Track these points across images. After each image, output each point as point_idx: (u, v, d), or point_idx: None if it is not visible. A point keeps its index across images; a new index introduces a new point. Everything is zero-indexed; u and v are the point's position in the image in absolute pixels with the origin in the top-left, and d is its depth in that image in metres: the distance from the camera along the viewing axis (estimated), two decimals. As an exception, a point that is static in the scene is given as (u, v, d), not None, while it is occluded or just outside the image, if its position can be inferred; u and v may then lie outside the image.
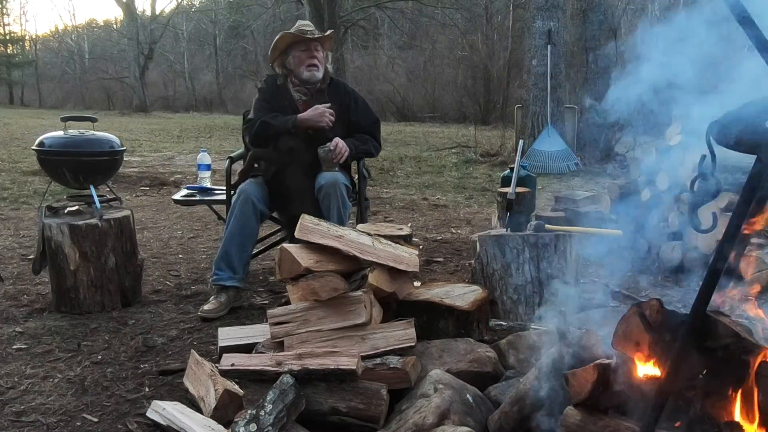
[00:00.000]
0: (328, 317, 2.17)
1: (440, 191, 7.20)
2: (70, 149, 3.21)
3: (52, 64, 34.61)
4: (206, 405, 2.04)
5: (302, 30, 3.25)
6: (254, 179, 3.19)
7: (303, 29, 3.26)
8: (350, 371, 1.93)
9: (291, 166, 3.13)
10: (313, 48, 3.21)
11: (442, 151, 11.26)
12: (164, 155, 10.42)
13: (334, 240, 2.22)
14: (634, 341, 1.58)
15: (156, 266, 3.96)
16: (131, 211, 3.31)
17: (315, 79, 3.24)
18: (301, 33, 3.23)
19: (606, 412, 1.63)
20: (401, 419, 1.89)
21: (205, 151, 4.12)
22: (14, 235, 4.72)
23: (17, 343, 2.73)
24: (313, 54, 3.21)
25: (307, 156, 3.14)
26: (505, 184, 3.88)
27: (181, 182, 7.02)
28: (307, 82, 3.24)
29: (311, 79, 3.23)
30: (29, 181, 7.19)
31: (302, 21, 3.40)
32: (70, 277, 3.05)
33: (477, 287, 2.54)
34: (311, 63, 3.21)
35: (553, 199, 5.07)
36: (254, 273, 3.76)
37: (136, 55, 25.60)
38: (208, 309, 3.04)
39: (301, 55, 3.22)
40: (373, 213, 5.59)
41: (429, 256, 4.18)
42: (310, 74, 3.23)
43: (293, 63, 3.25)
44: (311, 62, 3.21)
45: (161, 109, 26.39)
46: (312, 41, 3.22)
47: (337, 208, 3.04)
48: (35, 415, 2.13)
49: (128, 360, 2.59)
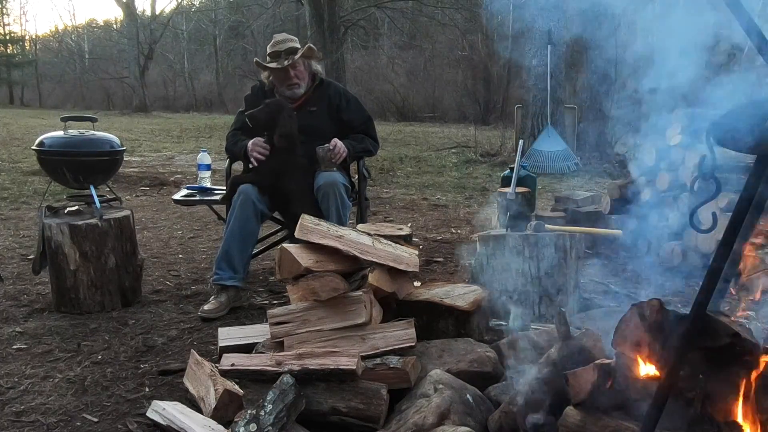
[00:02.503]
0: (328, 317, 2.17)
1: (440, 191, 7.20)
2: (70, 149, 3.20)
3: (52, 64, 34.56)
4: (206, 405, 2.04)
5: (275, 52, 3.24)
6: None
7: (276, 50, 3.24)
8: (350, 371, 1.93)
9: (290, 166, 3.12)
10: (288, 70, 3.22)
11: (442, 151, 11.25)
12: (164, 155, 10.42)
13: (334, 240, 2.22)
14: (634, 341, 1.58)
15: (156, 266, 3.96)
16: (131, 211, 3.31)
17: (297, 95, 3.28)
18: (275, 57, 3.23)
19: (606, 412, 1.63)
20: (401, 419, 1.89)
21: (205, 151, 4.12)
22: (14, 235, 4.72)
23: (17, 343, 2.73)
24: (289, 76, 3.24)
25: (306, 156, 3.14)
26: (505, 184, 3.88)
27: (181, 182, 7.01)
28: (290, 98, 3.27)
29: (293, 96, 3.28)
30: (29, 181, 7.18)
31: (277, 36, 3.35)
32: (70, 277, 3.05)
33: (477, 287, 2.54)
34: (290, 83, 3.26)
35: (553, 199, 5.07)
36: (254, 273, 3.76)
37: (136, 55, 25.57)
38: (208, 309, 3.04)
39: (278, 77, 3.26)
40: (373, 213, 5.59)
41: (429, 256, 4.18)
42: (291, 92, 3.28)
43: (275, 82, 3.30)
44: (289, 82, 3.25)
45: (161, 109, 26.36)
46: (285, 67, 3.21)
47: (336, 208, 3.05)
48: (35, 415, 2.13)
49: (128, 360, 2.59)
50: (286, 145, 3.09)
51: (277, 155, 3.11)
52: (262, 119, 3.09)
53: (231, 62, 31.27)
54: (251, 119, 3.11)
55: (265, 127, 3.12)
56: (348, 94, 3.46)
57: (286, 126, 3.08)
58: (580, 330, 2.00)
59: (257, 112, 3.08)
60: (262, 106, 3.09)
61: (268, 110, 3.08)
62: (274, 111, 3.08)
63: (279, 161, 3.11)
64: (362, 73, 23.09)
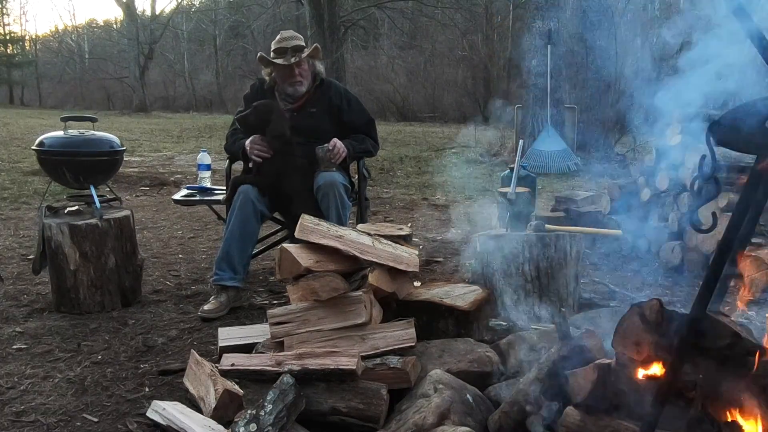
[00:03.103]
0: (328, 317, 2.17)
1: (440, 191, 7.20)
2: (70, 149, 3.20)
3: (52, 64, 34.55)
4: (206, 405, 2.04)
5: (281, 48, 3.22)
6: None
7: (283, 47, 3.22)
8: (350, 371, 1.93)
9: (290, 167, 3.12)
10: (293, 67, 3.21)
11: (442, 151, 11.26)
12: (164, 155, 10.42)
13: (334, 240, 2.22)
14: (634, 341, 1.58)
15: (156, 266, 3.96)
16: (131, 211, 3.31)
17: (298, 93, 3.27)
18: (280, 53, 3.21)
19: (606, 412, 1.63)
20: (401, 419, 1.89)
21: (205, 151, 4.12)
22: (14, 235, 4.71)
23: (17, 343, 2.73)
24: (293, 73, 3.22)
25: (306, 156, 3.14)
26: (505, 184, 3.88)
27: (181, 182, 7.01)
28: (291, 95, 3.27)
29: (295, 93, 3.27)
30: (29, 181, 7.18)
31: (284, 33, 3.33)
32: (70, 277, 3.05)
33: (477, 287, 2.54)
34: (293, 81, 3.24)
35: (553, 199, 5.07)
36: (254, 273, 3.76)
37: (136, 55, 25.57)
38: (208, 309, 3.04)
39: (282, 74, 3.25)
40: (373, 213, 5.59)
41: (429, 256, 4.18)
42: (293, 90, 3.26)
43: (277, 79, 3.29)
44: (293, 80, 3.24)
45: (161, 109, 26.37)
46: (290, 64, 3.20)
47: (335, 208, 3.05)
48: (35, 415, 2.13)
49: (128, 360, 2.59)
50: (278, 146, 3.09)
51: (276, 156, 3.11)
52: (251, 121, 3.08)
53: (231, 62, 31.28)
54: (241, 122, 3.11)
55: (256, 129, 3.11)
56: (349, 94, 3.44)
57: (277, 128, 3.07)
58: (580, 330, 2.00)
59: (246, 114, 3.08)
60: (251, 108, 3.08)
61: (257, 112, 3.07)
62: (263, 113, 3.07)
63: (279, 162, 3.11)
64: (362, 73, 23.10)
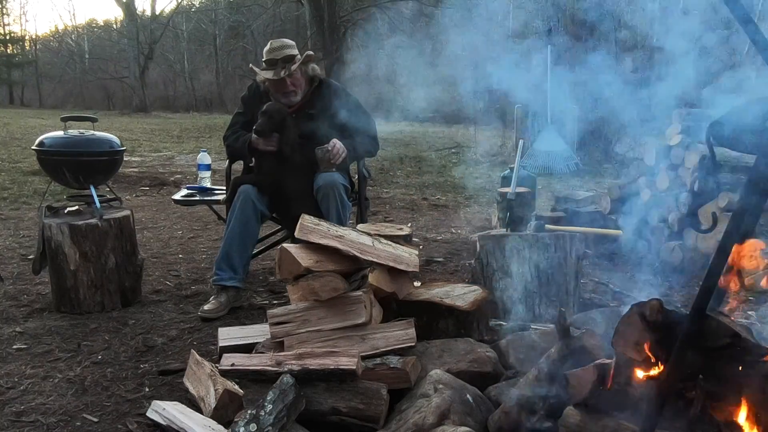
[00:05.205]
0: (328, 317, 2.17)
1: (440, 191, 7.20)
2: (70, 149, 3.20)
3: (52, 64, 34.54)
4: (206, 405, 2.04)
5: (272, 59, 3.18)
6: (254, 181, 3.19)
7: (273, 58, 3.18)
8: (350, 371, 1.92)
9: (290, 167, 3.13)
10: (285, 79, 3.16)
11: (442, 151, 11.26)
12: (164, 155, 10.42)
13: (334, 240, 2.22)
14: (634, 341, 1.58)
15: (156, 266, 3.96)
16: (131, 211, 3.31)
17: (292, 103, 3.23)
18: (271, 64, 3.18)
19: (606, 412, 1.63)
20: (401, 419, 1.88)
21: (205, 151, 4.12)
22: (14, 235, 4.71)
23: (17, 343, 2.73)
24: (285, 85, 3.18)
25: (306, 157, 3.14)
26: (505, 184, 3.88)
27: (181, 182, 7.01)
28: (285, 104, 3.22)
29: (289, 103, 3.22)
30: (29, 181, 7.18)
31: (273, 43, 3.27)
32: (70, 277, 3.05)
33: (477, 287, 2.54)
34: (286, 92, 3.21)
35: (553, 199, 5.07)
36: (254, 273, 3.76)
37: (136, 55, 25.57)
38: (208, 309, 3.04)
39: (274, 86, 3.21)
40: (373, 213, 5.59)
41: (429, 256, 4.18)
42: (287, 100, 3.23)
43: (270, 89, 3.25)
44: (285, 91, 3.20)
45: (161, 109, 26.36)
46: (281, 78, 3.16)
47: (335, 209, 3.05)
48: (35, 415, 2.13)
49: (128, 360, 2.59)
50: (289, 151, 3.10)
51: (276, 156, 3.12)
52: (268, 130, 3.09)
53: (231, 62, 31.27)
54: (259, 134, 3.09)
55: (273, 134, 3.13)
56: (348, 95, 3.41)
57: (290, 135, 3.10)
58: (580, 330, 2.00)
59: (262, 124, 3.07)
60: (264, 117, 3.07)
61: (272, 121, 3.07)
62: (278, 121, 3.08)
63: (279, 162, 3.12)
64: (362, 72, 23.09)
